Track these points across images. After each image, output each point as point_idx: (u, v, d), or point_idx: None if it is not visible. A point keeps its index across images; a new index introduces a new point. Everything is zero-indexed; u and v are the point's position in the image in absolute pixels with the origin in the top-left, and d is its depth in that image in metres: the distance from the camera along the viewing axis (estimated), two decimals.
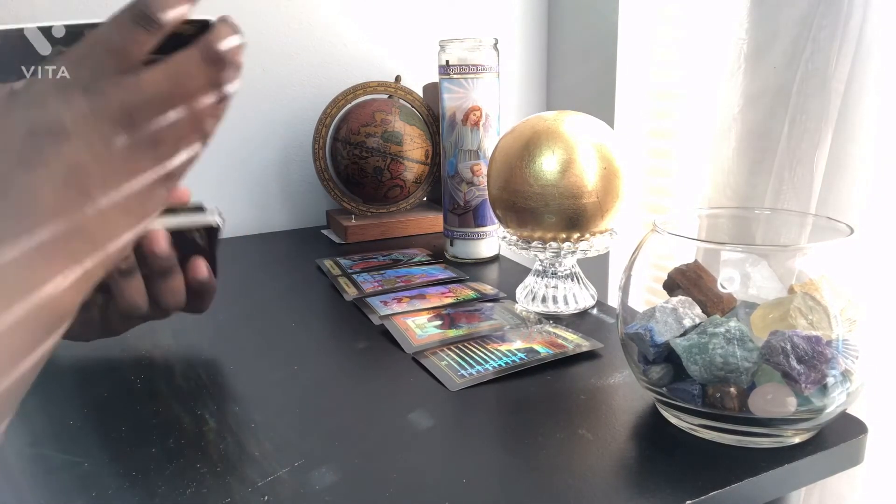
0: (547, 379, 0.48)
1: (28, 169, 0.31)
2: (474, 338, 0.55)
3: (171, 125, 0.35)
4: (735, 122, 0.73)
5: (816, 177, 0.65)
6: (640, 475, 0.37)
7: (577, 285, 0.62)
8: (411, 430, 0.42)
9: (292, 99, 0.95)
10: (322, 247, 0.87)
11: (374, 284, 0.68)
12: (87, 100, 0.32)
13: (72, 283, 0.31)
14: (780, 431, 0.38)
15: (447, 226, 0.79)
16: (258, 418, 0.44)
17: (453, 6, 1.03)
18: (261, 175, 0.96)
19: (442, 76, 0.75)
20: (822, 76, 0.63)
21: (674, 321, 0.39)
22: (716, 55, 0.76)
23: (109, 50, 0.33)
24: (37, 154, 0.31)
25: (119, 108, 0.33)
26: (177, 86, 0.34)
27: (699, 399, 0.38)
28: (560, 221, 0.57)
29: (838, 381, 0.37)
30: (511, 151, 0.58)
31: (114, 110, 0.33)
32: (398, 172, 0.87)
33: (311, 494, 0.36)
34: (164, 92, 0.34)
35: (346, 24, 0.96)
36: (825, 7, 0.63)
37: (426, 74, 1.00)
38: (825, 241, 0.43)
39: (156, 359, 0.53)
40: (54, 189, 0.31)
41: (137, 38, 0.33)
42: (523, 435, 0.41)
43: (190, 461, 0.39)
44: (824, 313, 0.37)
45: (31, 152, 0.31)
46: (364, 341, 0.56)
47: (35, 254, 0.30)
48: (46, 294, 0.30)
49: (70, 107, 0.32)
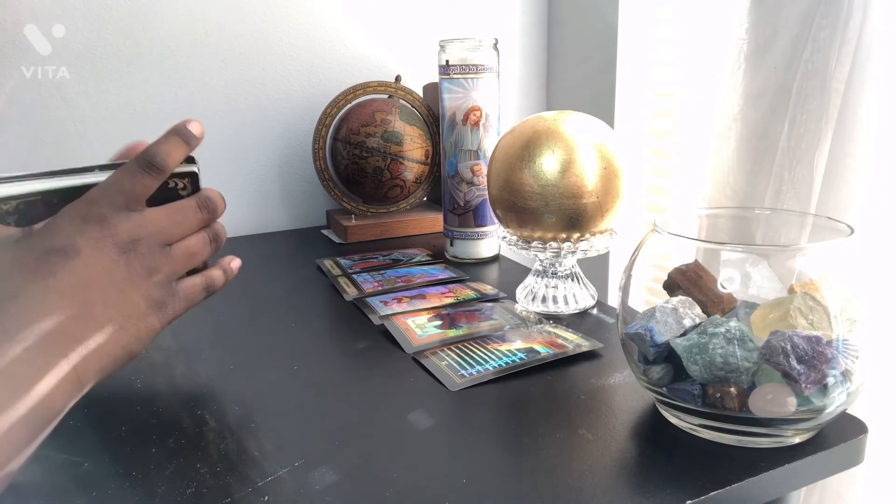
0: (547, 379, 0.48)
1: (41, 279, 0.36)
2: (474, 338, 0.55)
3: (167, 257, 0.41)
4: (735, 122, 0.73)
5: (816, 177, 0.65)
6: (640, 475, 0.37)
7: (577, 285, 0.62)
8: (411, 430, 0.42)
9: (292, 99, 0.95)
10: (322, 247, 0.87)
11: (374, 284, 0.68)
12: (99, 228, 0.39)
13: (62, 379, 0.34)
14: (781, 431, 0.38)
15: (447, 226, 0.79)
16: (258, 418, 0.44)
17: (453, 6, 1.03)
18: (261, 175, 0.96)
19: (442, 76, 0.75)
20: (822, 76, 0.63)
21: (674, 321, 0.39)
22: (716, 55, 0.76)
23: (120, 191, 0.40)
24: (48, 267, 0.36)
25: (125, 235, 0.39)
26: (174, 224, 0.42)
27: (699, 399, 0.38)
28: (560, 221, 0.57)
29: (838, 381, 0.37)
30: (511, 151, 0.58)
31: (120, 238, 0.39)
32: (398, 172, 0.87)
33: (311, 494, 0.36)
34: (163, 227, 0.41)
35: (346, 24, 0.96)
36: (825, 7, 0.63)
37: (426, 74, 1.00)
38: (825, 241, 0.43)
39: (156, 359, 0.53)
40: (59, 296, 0.36)
41: (143, 181, 0.41)
42: (523, 435, 0.41)
43: (190, 461, 0.39)
44: (824, 313, 0.37)
45: (44, 266, 0.36)
46: (364, 341, 0.56)
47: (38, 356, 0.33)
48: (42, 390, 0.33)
49: (83, 232, 0.38)
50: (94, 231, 0.38)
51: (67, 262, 0.37)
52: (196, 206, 0.43)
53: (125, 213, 0.40)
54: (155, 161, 0.41)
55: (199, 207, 0.44)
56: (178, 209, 0.43)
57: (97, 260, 0.38)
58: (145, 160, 0.41)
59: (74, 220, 0.38)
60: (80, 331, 0.36)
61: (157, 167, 0.41)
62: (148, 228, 0.40)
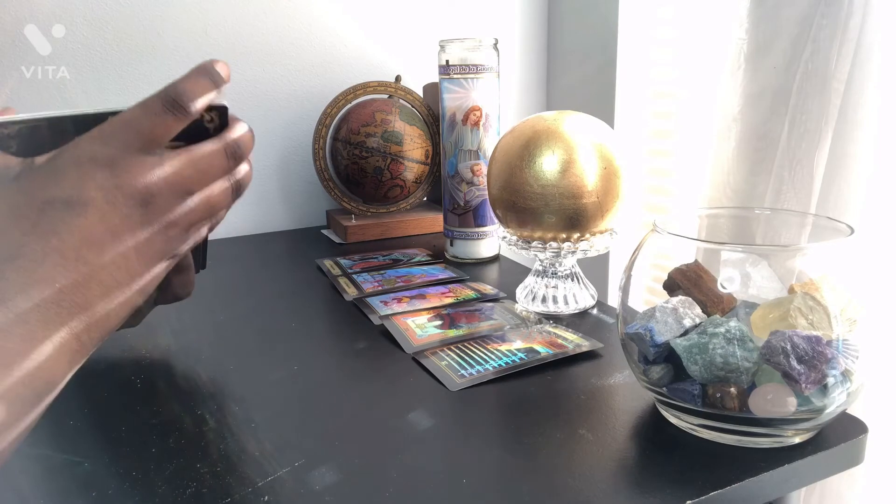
0: (547, 379, 0.48)
1: (41, 237, 0.31)
2: (474, 338, 0.55)
3: (185, 209, 0.36)
4: (735, 122, 0.73)
5: (816, 177, 0.65)
6: (640, 475, 0.37)
7: (577, 285, 0.62)
8: (411, 429, 0.42)
9: (292, 99, 0.95)
10: (322, 247, 0.87)
11: (374, 284, 0.68)
12: (109, 176, 0.33)
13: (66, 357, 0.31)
14: (781, 431, 0.38)
15: (447, 226, 0.79)
16: (258, 418, 0.44)
17: (453, 6, 1.03)
18: (261, 175, 0.96)
19: (442, 76, 0.75)
20: (822, 76, 0.63)
21: (674, 321, 0.39)
22: (716, 55, 0.76)
23: (138, 131, 0.34)
24: (50, 224, 0.32)
25: (141, 185, 0.34)
26: (197, 172, 0.36)
27: (699, 399, 0.38)
28: (560, 221, 0.57)
29: (838, 381, 0.37)
30: (511, 151, 0.58)
31: (135, 187, 0.33)
32: (398, 172, 0.87)
33: (311, 494, 0.36)
34: (184, 177, 0.35)
35: (346, 24, 0.96)
36: (825, 7, 0.63)
37: (426, 74, 1.00)
38: (825, 241, 0.43)
39: (156, 359, 0.53)
40: (62, 259, 0.31)
41: (166, 123, 0.35)
42: (523, 435, 0.41)
43: (190, 461, 0.39)
44: (824, 313, 0.37)
45: (46, 221, 0.32)
46: (364, 341, 0.56)
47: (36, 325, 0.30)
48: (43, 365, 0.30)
49: (92, 180, 0.33)
50: (104, 178, 0.33)
51: (73, 218, 0.32)
52: (223, 152, 0.37)
53: (141, 156, 0.34)
54: (182, 100, 0.35)
55: (226, 154, 0.37)
56: (203, 155, 0.36)
57: (107, 215, 0.33)
58: (170, 98, 0.35)
59: (82, 162, 0.33)
60: (85, 298, 0.32)
61: (183, 108, 0.35)
62: (167, 177, 0.35)
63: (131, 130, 0.34)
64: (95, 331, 0.33)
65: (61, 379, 0.32)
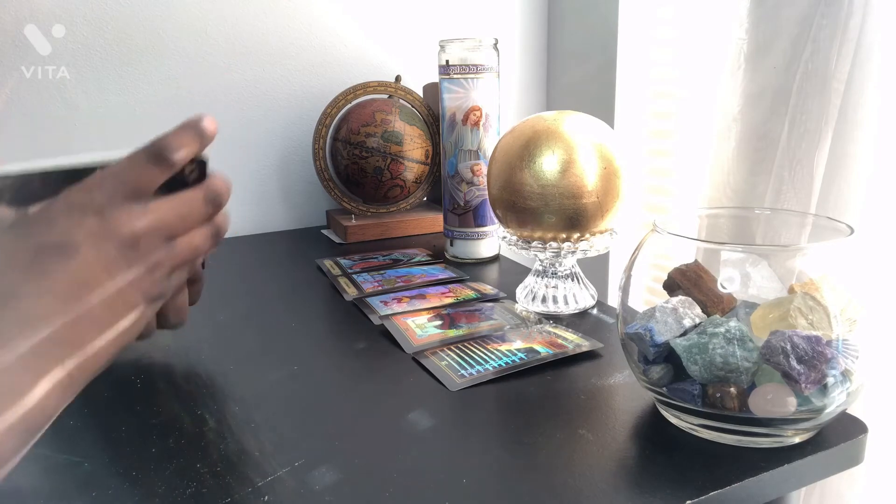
0: (547, 379, 0.48)
1: (34, 278, 0.33)
2: (474, 338, 0.55)
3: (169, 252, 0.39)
4: (735, 122, 0.73)
5: (816, 177, 0.65)
6: (640, 475, 0.37)
7: (577, 285, 0.62)
8: (411, 430, 0.42)
9: (292, 99, 0.95)
10: (322, 247, 0.87)
11: (374, 284, 0.68)
12: (98, 222, 0.36)
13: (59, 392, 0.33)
14: (780, 431, 0.38)
15: (447, 226, 0.79)
16: (258, 418, 0.44)
17: (453, 6, 1.03)
18: (261, 175, 0.96)
19: (442, 76, 0.75)
20: (822, 76, 0.63)
21: (674, 321, 0.39)
22: (716, 55, 0.76)
23: (124, 182, 0.37)
24: (43, 267, 0.34)
25: (127, 230, 0.36)
26: (179, 218, 0.39)
27: (699, 399, 0.38)
28: (560, 221, 0.57)
29: (838, 381, 0.37)
30: (511, 151, 0.58)
31: (122, 232, 0.36)
32: (398, 172, 0.87)
33: (311, 494, 0.36)
34: (168, 222, 0.38)
35: (346, 24, 0.96)
36: (825, 7, 0.63)
37: (426, 74, 1.00)
38: (825, 241, 0.43)
39: (156, 359, 0.53)
40: (54, 299, 0.33)
41: (151, 174, 0.38)
42: (523, 435, 0.41)
43: (190, 461, 0.39)
44: (824, 313, 0.37)
45: (38, 266, 0.34)
46: (364, 341, 0.56)
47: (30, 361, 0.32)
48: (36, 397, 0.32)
49: (81, 226, 0.35)
50: (93, 225, 0.35)
51: (64, 260, 0.34)
52: (203, 200, 0.41)
53: (128, 204, 0.37)
54: (166, 154, 0.38)
55: (205, 201, 0.41)
56: (184, 202, 0.40)
57: (96, 258, 0.35)
58: (156, 151, 0.38)
59: (73, 210, 0.35)
60: (77, 335, 0.34)
61: (168, 161, 0.38)
62: (152, 223, 0.37)
63: (118, 181, 0.37)
64: (87, 368, 0.35)
65: (53, 414, 0.34)
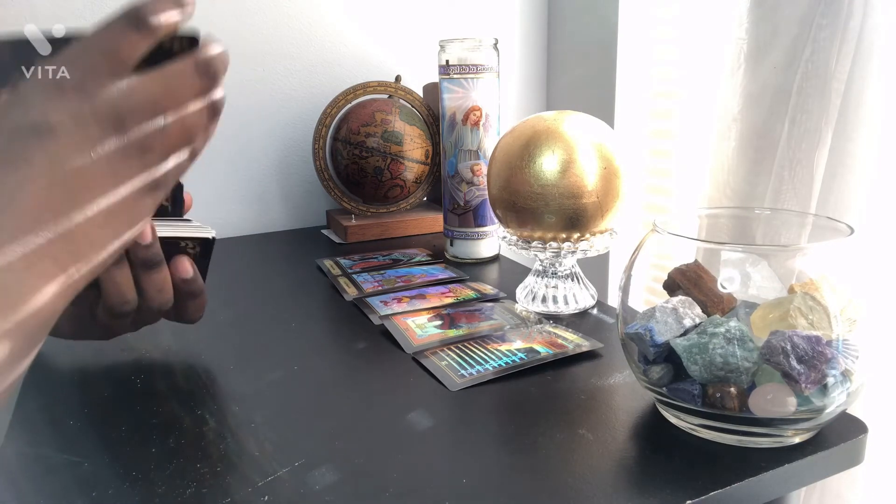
0: (547, 379, 0.48)
1: (12, 168, 0.30)
2: (474, 338, 0.55)
3: (159, 132, 0.34)
4: (735, 122, 0.73)
5: (816, 177, 0.65)
6: (640, 475, 0.37)
7: (577, 285, 0.62)
8: (411, 430, 0.42)
9: (292, 99, 0.95)
10: (322, 247, 0.87)
11: (374, 284, 0.68)
12: (77, 99, 0.32)
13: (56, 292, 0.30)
14: (781, 431, 0.38)
15: (447, 226, 0.79)
16: (258, 418, 0.44)
17: (453, 6, 1.03)
18: (261, 175, 0.96)
19: (442, 76, 0.75)
20: (822, 76, 0.63)
21: (674, 321, 0.39)
22: (716, 55, 0.76)
23: (102, 51, 0.33)
24: (21, 152, 0.30)
25: (110, 109, 0.32)
26: (168, 92, 0.34)
27: (699, 399, 0.38)
28: (560, 221, 0.57)
29: (838, 381, 0.37)
30: (511, 151, 0.58)
31: (104, 111, 0.32)
32: (398, 172, 0.87)
33: (311, 494, 0.36)
34: (155, 97, 0.34)
35: (346, 24, 0.96)
36: (825, 7, 0.63)
37: (426, 74, 1.00)
38: (825, 241, 0.43)
39: (156, 359, 0.53)
40: (38, 189, 0.30)
41: (130, 40, 0.33)
42: (523, 435, 0.41)
43: (190, 461, 0.39)
44: (824, 313, 0.37)
45: (16, 151, 0.30)
46: (364, 341, 0.56)
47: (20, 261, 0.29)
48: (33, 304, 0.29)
49: (58, 105, 0.31)
50: (72, 102, 0.31)
51: (43, 142, 0.30)
52: (194, 71, 0.36)
53: (108, 79, 0.32)
54: (143, 16, 0.33)
55: (197, 72, 0.36)
56: (172, 74, 0.35)
57: (78, 139, 0.31)
58: (133, 14, 0.33)
59: (47, 87, 0.32)
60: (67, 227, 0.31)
61: (147, 23, 0.33)
62: (137, 98, 0.33)
63: (97, 51, 0.33)
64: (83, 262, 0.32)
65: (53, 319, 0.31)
